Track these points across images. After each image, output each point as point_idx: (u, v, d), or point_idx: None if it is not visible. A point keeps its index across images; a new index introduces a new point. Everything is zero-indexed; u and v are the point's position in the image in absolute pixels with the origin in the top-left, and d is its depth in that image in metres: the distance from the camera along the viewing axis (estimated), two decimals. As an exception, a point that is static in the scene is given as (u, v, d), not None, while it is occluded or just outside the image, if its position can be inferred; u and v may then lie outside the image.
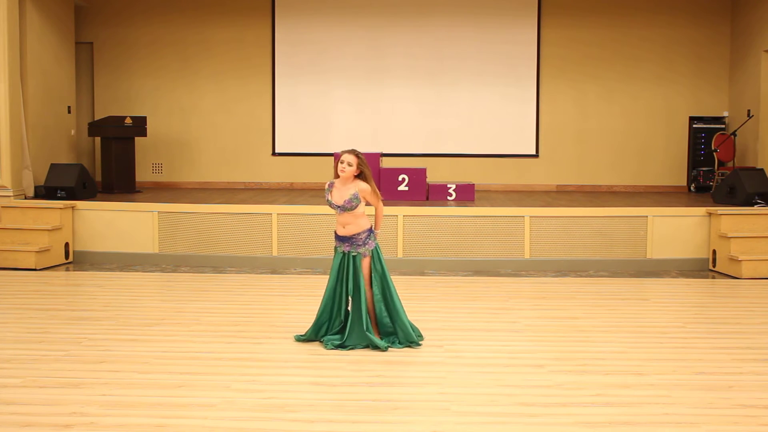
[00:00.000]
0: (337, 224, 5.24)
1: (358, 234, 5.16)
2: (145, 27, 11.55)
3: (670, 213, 8.61)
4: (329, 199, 5.18)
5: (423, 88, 11.50)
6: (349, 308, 5.24)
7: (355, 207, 5.12)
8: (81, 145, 11.37)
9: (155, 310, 6.39)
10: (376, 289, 5.24)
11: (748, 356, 5.08)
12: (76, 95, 11.08)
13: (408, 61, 11.48)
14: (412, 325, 5.29)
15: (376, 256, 5.22)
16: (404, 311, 5.28)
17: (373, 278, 5.23)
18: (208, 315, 6.17)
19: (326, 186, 5.25)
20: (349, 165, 5.10)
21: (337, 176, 5.22)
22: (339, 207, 5.14)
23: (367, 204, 5.27)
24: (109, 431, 3.74)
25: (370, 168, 5.31)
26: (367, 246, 5.18)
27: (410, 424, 3.85)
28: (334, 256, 5.28)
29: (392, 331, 5.24)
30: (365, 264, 5.19)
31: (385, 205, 8.72)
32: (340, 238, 5.22)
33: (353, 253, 5.17)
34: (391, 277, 5.33)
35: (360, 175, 5.18)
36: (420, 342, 5.28)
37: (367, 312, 5.19)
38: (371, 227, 5.25)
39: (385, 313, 5.24)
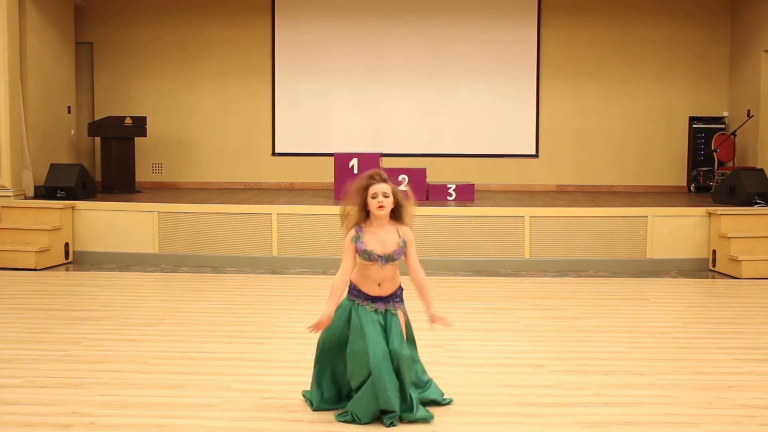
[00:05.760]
0: (364, 280, 3.86)
1: (396, 291, 3.94)
2: (145, 27, 11.55)
3: (670, 213, 8.61)
4: (366, 249, 3.79)
5: (423, 88, 11.50)
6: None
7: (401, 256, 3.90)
8: (81, 145, 11.37)
9: (155, 310, 6.39)
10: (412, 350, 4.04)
11: (748, 356, 5.07)
12: (76, 95, 11.08)
13: (408, 61, 11.48)
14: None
15: (406, 314, 4.06)
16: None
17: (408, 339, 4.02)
18: (208, 315, 6.17)
19: (354, 232, 3.83)
20: (385, 196, 3.77)
21: (366, 214, 3.84)
22: (383, 257, 3.81)
23: None
24: (109, 431, 3.74)
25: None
26: (402, 302, 3.99)
27: (410, 424, 3.85)
28: (356, 314, 3.86)
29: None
30: (402, 321, 3.95)
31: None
32: (372, 299, 3.87)
33: (392, 312, 3.89)
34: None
35: (395, 211, 3.85)
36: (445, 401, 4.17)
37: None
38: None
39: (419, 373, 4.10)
